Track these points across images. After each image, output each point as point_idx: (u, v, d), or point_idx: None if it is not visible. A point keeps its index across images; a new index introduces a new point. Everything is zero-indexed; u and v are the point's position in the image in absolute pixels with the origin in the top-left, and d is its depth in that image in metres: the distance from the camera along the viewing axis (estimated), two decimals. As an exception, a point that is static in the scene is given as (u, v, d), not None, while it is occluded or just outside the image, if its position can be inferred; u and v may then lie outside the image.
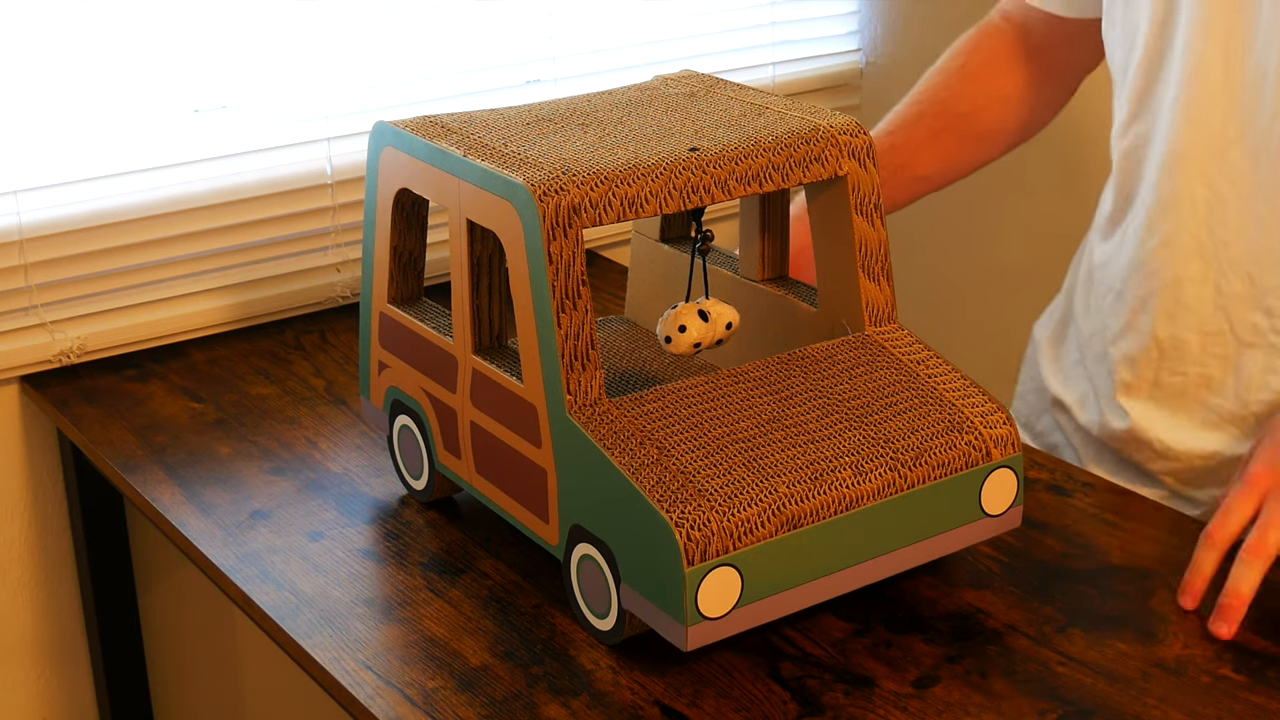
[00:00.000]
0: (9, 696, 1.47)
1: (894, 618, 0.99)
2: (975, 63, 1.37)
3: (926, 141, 1.36)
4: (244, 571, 1.06)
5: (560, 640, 0.97)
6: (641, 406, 0.95)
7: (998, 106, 1.37)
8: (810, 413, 0.97)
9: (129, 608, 1.48)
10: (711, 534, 0.88)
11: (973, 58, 1.37)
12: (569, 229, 0.93)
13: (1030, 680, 0.93)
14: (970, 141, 1.38)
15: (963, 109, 1.37)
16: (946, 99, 1.36)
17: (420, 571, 1.05)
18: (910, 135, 1.35)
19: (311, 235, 1.51)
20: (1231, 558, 0.99)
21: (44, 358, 1.38)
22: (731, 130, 1.02)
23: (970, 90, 1.37)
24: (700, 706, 0.91)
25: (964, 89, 1.37)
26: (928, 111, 1.36)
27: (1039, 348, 1.37)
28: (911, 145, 1.35)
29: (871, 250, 1.03)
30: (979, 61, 1.36)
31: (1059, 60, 1.35)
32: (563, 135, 1.01)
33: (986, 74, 1.36)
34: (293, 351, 1.43)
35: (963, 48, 1.38)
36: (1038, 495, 1.13)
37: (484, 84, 1.58)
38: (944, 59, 1.39)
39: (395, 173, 1.06)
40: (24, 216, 1.35)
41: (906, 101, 1.38)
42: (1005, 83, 1.36)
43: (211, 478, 1.19)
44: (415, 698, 0.92)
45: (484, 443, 1.02)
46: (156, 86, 1.40)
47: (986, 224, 1.98)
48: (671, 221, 1.20)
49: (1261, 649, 0.95)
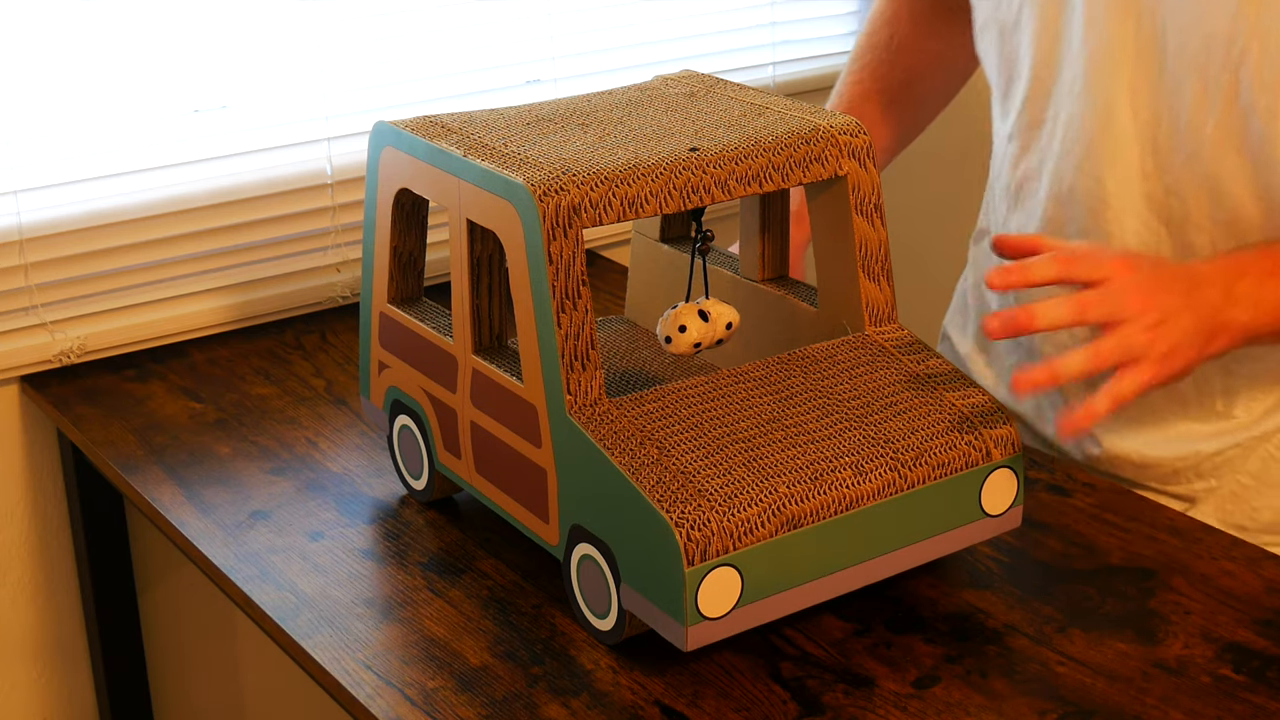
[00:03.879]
0: (9, 696, 1.47)
1: (894, 618, 0.99)
2: (902, 32, 1.38)
3: (879, 118, 1.38)
4: (244, 571, 1.06)
5: (560, 640, 0.97)
6: (641, 406, 0.95)
7: (934, 65, 1.39)
8: (810, 413, 0.97)
9: (129, 608, 1.48)
10: (711, 534, 0.88)
11: (898, 28, 1.38)
12: (569, 229, 0.93)
13: (1030, 680, 0.93)
14: (918, 106, 1.41)
15: (904, 78, 1.38)
16: (886, 74, 1.38)
17: (420, 571, 1.05)
18: (863, 114, 1.37)
19: (311, 235, 1.51)
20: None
21: (44, 358, 1.38)
22: (731, 130, 1.02)
23: (905, 60, 1.38)
24: (700, 706, 0.91)
25: (899, 59, 1.38)
26: (872, 89, 1.38)
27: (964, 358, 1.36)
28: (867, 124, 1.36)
29: (871, 250, 1.03)
30: (905, 30, 1.38)
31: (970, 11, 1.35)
32: (563, 135, 1.01)
33: (915, 39, 1.38)
34: (293, 351, 1.43)
35: (884, 17, 1.39)
36: (1038, 495, 1.13)
37: (484, 84, 1.58)
38: (868, 34, 1.40)
39: (395, 173, 1.06)
40: (24, 216, 1.35)
41: (847, 84, 1.39)
42: (934, 42, 1.38)
43: (211, 478, 1.19)
44: (415, 698, 0.92)
45: (484, 443, 1.02)
46: (156, 86, 1.40)
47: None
48: (671, 221, 1.20)
49: (1261, 649, 0.95)
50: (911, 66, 1.38)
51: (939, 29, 1.37)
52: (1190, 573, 1.03)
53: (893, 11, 1.39)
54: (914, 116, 1.41)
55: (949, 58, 1.39)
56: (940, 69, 1.39)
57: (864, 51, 1.39)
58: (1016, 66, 1.19)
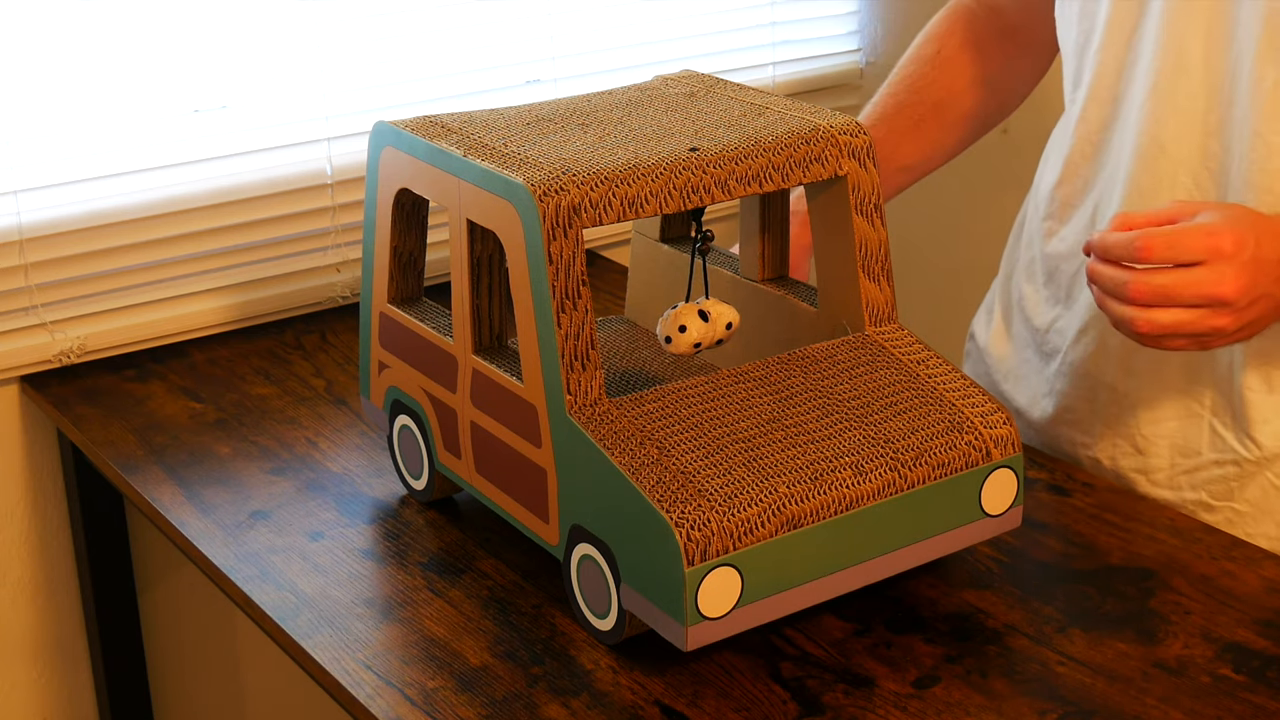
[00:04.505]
0: (9, 696, 1.47)
1: (894, 618, 0.99)
2: (950, 48, 1.36)
3: (908, 132, 1.36)
4: (244, 571, 1.06)
5: (560, 640, 0.97)
6: (641, 406, 0.95)
7: (976, 90, 1.37)
8: (810, 413, 0.97)
9: (129, 608, 1.48)
10: (711, 534, 0.88)
11: (947, 43, 1.36)
12: (569, 229, 0.93)
13: (1030, 680, 0.93)
14: (951, 127, 1.38)
15: (941, 96, 1.36)
16: (924, 88, 1.36)
17: (420, 571, 1.05)
18: (892, 127, 1.35)
19: (311, 235, 1.51)
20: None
21: (44, 358, 1.38)
22: (731, 130, 1.02)
23: (947, 77, 1.36)
24: (700, 706, 0.91)
25: (941, 76, 1.36)
26: (906, 102, 1.36)
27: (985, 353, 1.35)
28: (894, 137, 1.35)
29: (871, 250, 1.03)
30: (954, 47, 1.36)
31: (1032, 37, 1.34)
32: (563, 135, 1.01)
33: (962, 59, 1.36)
34: (293, 351, 1.43)
35: (935, 33, 1.38)
36: (1038, 495, 1.13)
37: (484, 84, 1.58)
38: (916, 46, 1.38)
39: (395, 173, 1.06)
40: (24, 216, 1.35)
41: (884, 93, 1.38)
42: (981, 66, 1.36)
43: (211, 478, 1.19)
44: (415, 698, 0.92)
45: (484, 443, 1.02)
46: (156, 86, 1.40)
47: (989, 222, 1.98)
48: (671, 221, 1.20)
49: (1261, 649, 0.95)
50: (952, 86, 1.36)
51: (989, 51, 1.35)
52: (1190, 573, 1.03)
53: (946, 28, 1.37)
54: (946, 139, 1.39)
55: (994, 84, 1.36)
56: (982, 93, 1.37)
57: (908, 63, 1.37)
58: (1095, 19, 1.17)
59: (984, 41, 1.36)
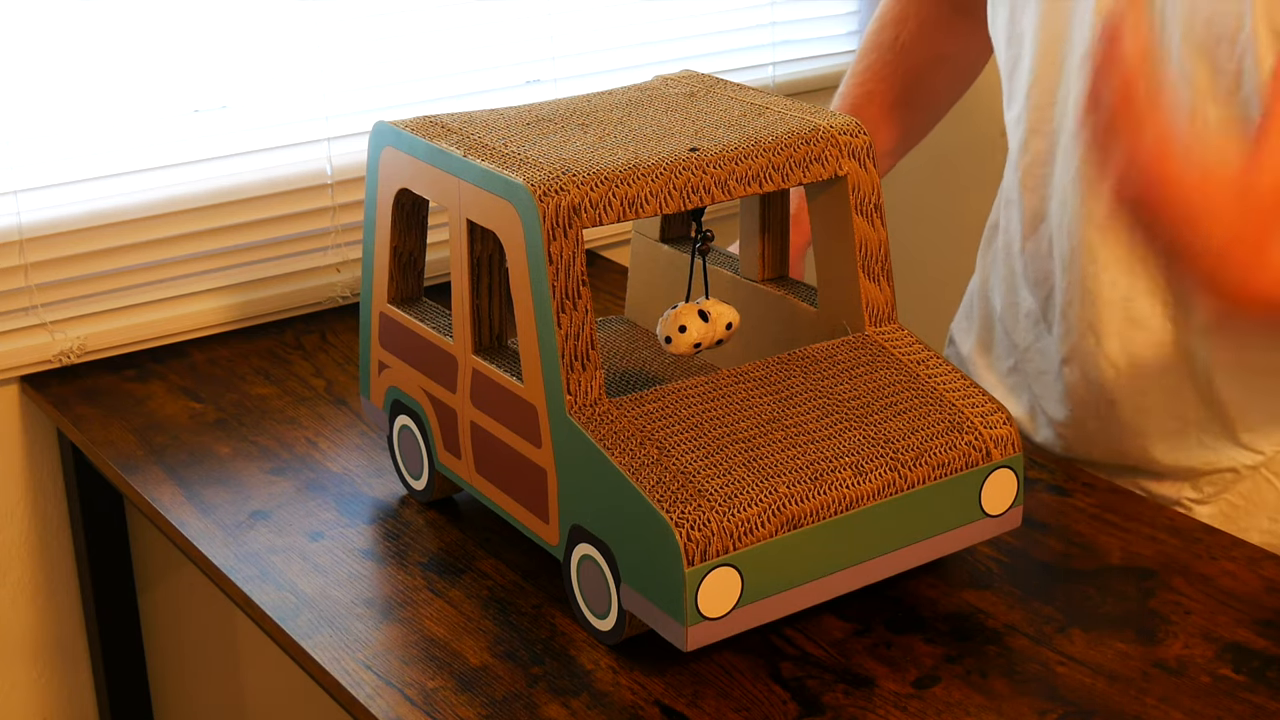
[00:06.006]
0: (9, 696, 1.47)
1: (894, 618, 0.99)
2: (908, 33, 1.37)
3: (882, 119, 1.37)
4: (244, 571, 1.06)
5: (560, 640, 0.97)
6: (641, 406, 0.95)
7: (939, 67, 1.38)
8: (810, 413, 0.97)
9: (129, 608, 1.48)
10: (711, 534, 0.88)
11: (904, 28, 1.37)
12: (569, 229, 0.93)
13: (1030, 680, 0.93)
14: (921, 109, 1.40)
15: (908, 80, 1.37)
16: (889, 75, 1.37)
17: (420, 571, 1.05)
18: (866, 117, 1.36)
19: (311, 235, 1.51)
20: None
21: (44, 358, 1.38)
22: (731, 130, 1.02)
23: (910, 61, 1.37)
24: (700, 706, 0.91)
25: (904, 61, 1.37)
26: (875, 91, 1.37)
27: (966, 359, 1.35)
28: (870, 127, 1.35)
29: (871, 250, 1.03)
30: (911, 31, 1.37)
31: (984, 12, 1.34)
32: (563, 135, 1.01)
33: (921, 41, 1.36)
34: (293, 351, 1.43)
35: (890, 18, 1.38)
36: (1038, 495, 1.13)
37: (484, 84, 1.58)
38: (874, 34, 1.39)
39: (395, 173, 1.06)
40: (24, 216, 1.35)
41: (851, 85, 1.38)
42: (941, 43, 1.37)
43: (211, 478, 1.19)
44: (415, 698, 0.92)
45: (484, 443, 1.02)
46: (156, 86, 1.40)
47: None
48: (671, 221, 1.20)
49: (1261, 649, 0.95)
50: (916, 68, 1.37)
51: (946, 28, 1.36)
52: (1190, 573, 1.03)
53: (899, 12, 1.37)
54: (918, 119, 1.40)
55: (956, 59, 1.38)
56: (946, 71, 1.38)
57: (868, 52, 1.38)
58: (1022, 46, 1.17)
59: (939, 20, 1.36)
